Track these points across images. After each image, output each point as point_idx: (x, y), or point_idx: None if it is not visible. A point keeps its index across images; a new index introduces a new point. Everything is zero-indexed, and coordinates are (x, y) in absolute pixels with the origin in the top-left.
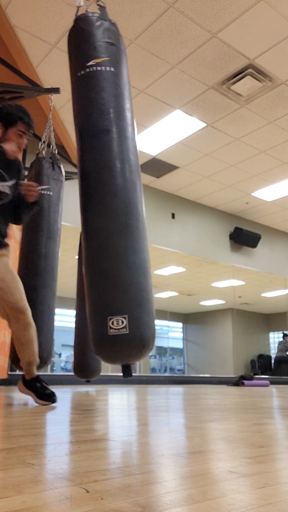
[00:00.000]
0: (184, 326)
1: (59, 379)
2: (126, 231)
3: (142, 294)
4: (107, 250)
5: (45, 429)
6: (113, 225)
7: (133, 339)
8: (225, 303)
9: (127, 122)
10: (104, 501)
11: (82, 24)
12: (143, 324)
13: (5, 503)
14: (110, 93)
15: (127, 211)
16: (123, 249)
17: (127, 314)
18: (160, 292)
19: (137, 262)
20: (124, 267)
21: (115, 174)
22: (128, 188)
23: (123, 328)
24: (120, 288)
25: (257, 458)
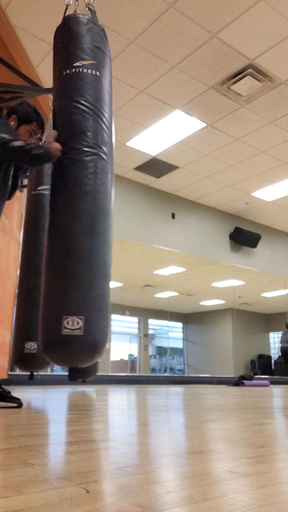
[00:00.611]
0: (184, 326)
1: (59, 379)
2: (94, 233)
3: (101, 299)
4: (73, 250)
5: (45, 429)
6: (81, 226)
7: (87, 341)
8: (225, 303)
9: (104, 127)
10: (104, 501)
11: (72, 24)
12: (99, 328)
13: (5, 503)
14: (92, 96)
15: (96, 213)
16: (89, 251)
17: (83, 316)
18: (160, 292)
19: (101, 266)
20: (87, 270)
21: (87, 175)
22: (99, 190)
23: (77, 329)
24: (81, 290)
25: (257, 458)
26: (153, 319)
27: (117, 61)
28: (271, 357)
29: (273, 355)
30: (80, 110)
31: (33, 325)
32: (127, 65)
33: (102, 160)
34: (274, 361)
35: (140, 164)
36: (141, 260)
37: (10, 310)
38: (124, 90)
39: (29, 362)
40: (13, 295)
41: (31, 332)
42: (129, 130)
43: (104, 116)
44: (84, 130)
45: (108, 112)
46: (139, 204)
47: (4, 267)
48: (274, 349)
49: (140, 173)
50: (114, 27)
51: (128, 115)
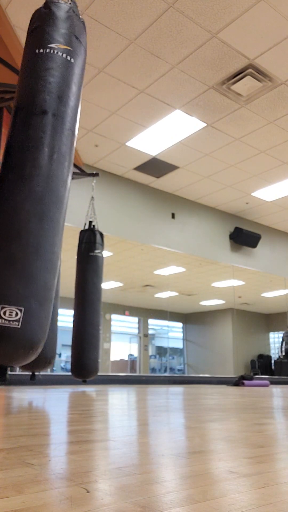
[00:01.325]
0: (184, 326)
1: (59, 379)
2: (46, 220)
3: (45, 292)
4: (20, 234)
5: (45, 429)
6: (33, 209)
7: (24, 336)
8: (225, 303)
9: (71, 111)
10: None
11: (53, 7)
12: (38, 324)
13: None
14: (62, 79)
15: (48, 198)
16: (39, 238)
17: (23, 307)
18: (160, 292)
19: (49, 257)
20: (35, 258)
21: (44, 157)
22: (55, 175)
23: (15, 321)
24: (25, 278)
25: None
26: (153, 319)
27: (117, 61)
28: (271, 357)
29: (273, 355)
30: (48, 91)
31: None
32: (127, 65)
33: (62, 144)
34: (274, 361)
35: (140, 164)
36: (141, 260)
37: None
38: (124, 90)
39: (31, 362)
40: None
41: None
42: (129, 130)
43: (70, 101)
44: (48, 111)
45: (74, 99)
46: (139, 204)
47: None
48: (274, 349)
49: (140, 173)
50: (114, 27)
51: (128, 115)
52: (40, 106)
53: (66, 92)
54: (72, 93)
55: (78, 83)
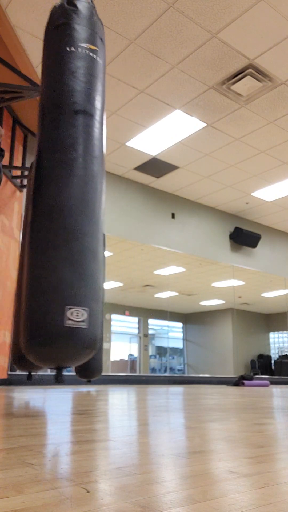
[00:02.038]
0: (184, 326)
1: None
2: (94, 218)
3: (100, 292)
4: (76, 235)
5: (45, 429)
6: (83, 208)
7: (90, 336)
8: (225, 303)
9: (103, 111)
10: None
11: (79, 5)
12: (99, 323)
13: (5, 503)
14: (96, 80)
15: (96, 196)
16: (91, 236)
17: (88, 307)
18: (160, 292)
19: (99, 255)
20: (90, 257)
21: (93, 156)
22: (100, 173)
23: (82, 321)
24: (85, 279)
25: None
26: (153, 319)
27: (117, 61)
28: (271, 357)
29: (273, 355)
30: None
31: None
32: (127, 65)
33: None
34: (274, 361)
35: (140, 164)
36: (141, 260)
37: (10, 310)
38: (124, 90)
39: (28, 362)
40: (13, 295)
41: None
42: (129, 130)
43: (102, 101)
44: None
45: (103, 101)
46: (139, 204)
47: (4, 267)
48: (274, 349)
49: (140, 173)
50: (114, 27)
51: (128, 115)
52: (76, 105)
53: (101, 91)
54: (103, 92)
55: (104, 81)
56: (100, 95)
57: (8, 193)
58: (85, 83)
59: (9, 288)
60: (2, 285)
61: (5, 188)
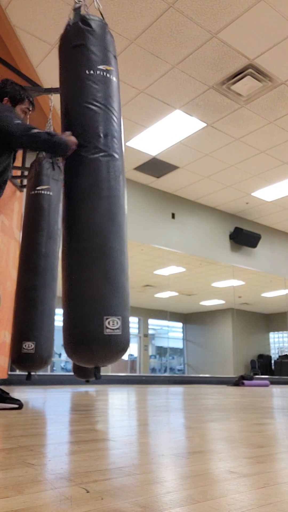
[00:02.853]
0: (184, 326)
1: (59, 379)
2: (121, 234)
3: (128, 298)
4: (107, 251)
5: (45, 429)
6: (112, 227)
7: (123, 341)
8: (225, 303)
9: (121, 131)
10: (104, 501)
11: (94, 25)
12: (128, 328)
13: (5, 503)
14: (114, 101)
15: (121, 216)
16: (119, 252)
17: (121, 316)
18: (160, 292)
19: (126, 267)
20: (120, 271)
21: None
22: (122, 193)
23: (117, 329)
24: (117, 291)
25: (257, 458)
26: (153, 319)
27: (117, 61)
28: (271, 357)
29: (273, 355)
30: (99, 114)
31: (30, 325)
32: (127, 65)
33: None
34: (274, 361)
35: (140, 164)
36: (141, 260)
37: (10, 310)
38: (124, 90)
39: (27, 362)
40: (13, 295)
41: (29, 332)
42: (129, 130)
43: (121, 120)
44: (112, 135)
45: (118, 117)
46: (139, 204)
47: (4, 267)
48: (274, 349)
49: (140, 173)
50: (114, 27)
51: (128, 115)
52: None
53: (119, 112)
54: (120, 112)
55: (119, 98)
56: (119, 114)
57: (8, 193)
58: (105, 105)
59: (9, 288)
60: (2, 285)
61: (5, 188)
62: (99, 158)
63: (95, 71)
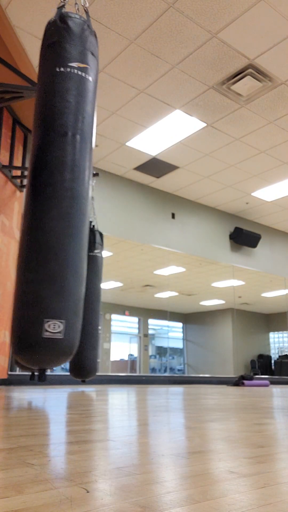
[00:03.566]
0: (184, 326)
1: (58, 379)
2: (76, 238)
3: (79, 303)
4: (57, 253)
5: (45, 429)
6: (67, 229)
7: (66, 345)
8: (225, 303)
9: (92, 131)
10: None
11: (71, 23)
12: (76, 332)
13: (5, 503)
14: (84, 100)
15: (80, 217)
16: (72, 256)
17: (64, 319)
18: (160, 292)
19: (81, 272)
20: (70, 274)
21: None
22: (83, 194)
23: (58, 332)
24: (64, 294)
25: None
26: (153, 319)
27: (117, 61)
28: (271, 357)
29: (273, 355)
30: (74, 114)
31: None
32: (127, 65)
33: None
34: (274, 361)
35: (140, 164)
36: (141, 260)
37: (10, 310)
38: (124, 90)
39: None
40: (13, 295)
41: None
42: (129, 130)
43: (92, 120)
44: (76, 133)
45: (94, 116)
46: (139, 204)
47: (4, 267)
48: (274, 349)
49: (140, 173)
50: (114, 27)
51: (128, 115)
52: (69, 128)
53: (89, 111)
54: (93, 111)
55: (94, 98)
56: (89, 115)
57: (8, 193)
58: (74, 104)
59: (9, 288)
60: (2, 285)
61: (5, 188)
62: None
63: (66, 68)
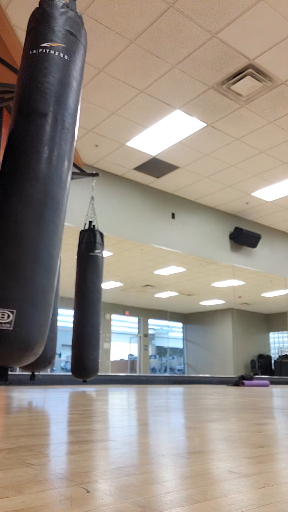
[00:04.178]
0: (184, 326)
1: (59, 379)
2: (43, 225)
3: (43, 295)
4: (17, 239)
5: (45, 429)
6: (30, 214)
7: (18, 338)
8: (225, 303)
9: (68, 111)
10: (104, 501)
11: (45, 6)
12: (34, 326)
13: (5, 503)
14: (57, 79)
15: (46, 201)
16: (36, 242)
17: (15, 309)
18: (160, 292)
19: (47, 261)
20: (31, 262)
21: (40, 159)
22: (52, 177)
23: (7, 323)
24: (19, 282)
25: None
26: (153, 319)
27: (117, 61)
28: (271, 357)
29: (273, 355)
30: (40, 92)
31: None
32: (127, 65)
33: (60, 146)
34: (274, 361)
35: (140, 164)
36: (141, 260)
37: None
38: (124, 90)
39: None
40: None
41: None
42: (129, 130)
43: (68, 101)
44: (44, 112)
45: (73, 98)
46: (139, 204)
47: None
48: (274, 349)
49: (140, 173)
50: (114, 27)
51: (128, 115)
52: (36, 108)
53: (62, 91)
54: (69, 92)
55: (76, 81)
56: (63, 96)
57: None
58: (46, 85)
59: None
60: None
61: None
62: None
63: (38, 49)
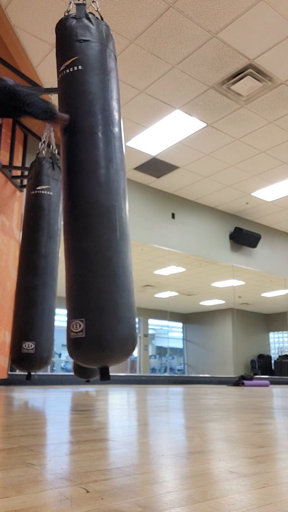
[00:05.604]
0: (184, 326)
1: (59, 379)
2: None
3: (102, 297)
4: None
5: (45, 429)
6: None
7: (90, 342)
8: (225, 303)
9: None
10: (104, 501)
11: (60, 28)
12: (103, 327)
13: (5, 503)
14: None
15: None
16: (93, 252)
17: (84, 317)
18: (160, 292)
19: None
20: (88, 271)
21: (101, 171)
22: (114, 187)
23: (80, 331)
24: (78, 291)
25: (257, 458)
26: (153, 319)
27: (117, 61)
28: (271, 357)
29: (273, 355)
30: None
31: (31, 325)
32: (127, 65)
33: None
34: (274, 361)
35: (140, 164)
36: (141, 260)
37: (10, 310)
38: (124, 90)
39: (27, 362)
40: (13, 295)
41: (29, 332)
42: (129, 130)
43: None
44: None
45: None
46: (139, 204)
47: (4, 267)
48: (274, 349)
49: (140, 173)
50: (114, 27)
51: (128, 115)
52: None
53: (74, 103)
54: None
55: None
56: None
57: (8, 193)
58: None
59: (9, 288)
60: (2, 285)
61: (5, 188)
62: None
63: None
